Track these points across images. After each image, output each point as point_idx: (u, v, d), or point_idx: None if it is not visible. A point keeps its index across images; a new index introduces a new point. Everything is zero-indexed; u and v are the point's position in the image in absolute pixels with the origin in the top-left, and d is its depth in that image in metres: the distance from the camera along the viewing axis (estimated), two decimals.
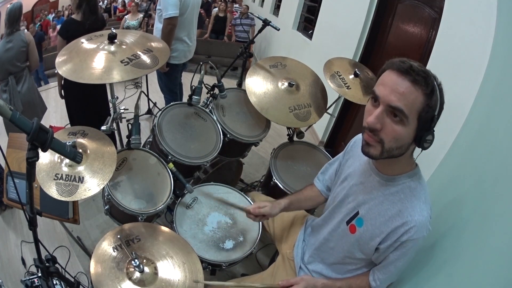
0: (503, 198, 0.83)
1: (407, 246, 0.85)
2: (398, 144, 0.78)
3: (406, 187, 0.86)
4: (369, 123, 0.78)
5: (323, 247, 1.09)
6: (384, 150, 0.79)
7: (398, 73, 0.73)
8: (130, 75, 1.21)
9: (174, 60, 2.46)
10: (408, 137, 0.77)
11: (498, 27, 1.18)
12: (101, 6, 8.37)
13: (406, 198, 0.85)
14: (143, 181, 1.36)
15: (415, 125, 0.75)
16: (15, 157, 1.39)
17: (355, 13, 2.72)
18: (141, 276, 0.98)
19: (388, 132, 0.76)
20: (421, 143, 0.77)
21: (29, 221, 0.84)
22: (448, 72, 1.50)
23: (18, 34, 2.21)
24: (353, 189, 0.98)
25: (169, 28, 2.21)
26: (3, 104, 0.61)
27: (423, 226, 0.83)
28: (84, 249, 1.77)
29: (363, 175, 0.96)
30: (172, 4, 2.15)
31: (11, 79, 2.24)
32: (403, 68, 0.72)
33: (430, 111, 0.73)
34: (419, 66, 0.73)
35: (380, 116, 0.76)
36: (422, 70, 0.72)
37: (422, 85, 0.71)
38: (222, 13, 5.76)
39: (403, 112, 0.73)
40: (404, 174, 0.86)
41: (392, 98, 0.73)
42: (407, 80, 0.72)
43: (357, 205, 0.95)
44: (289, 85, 1.64)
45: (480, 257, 0.81)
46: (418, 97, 0.72)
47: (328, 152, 1.83)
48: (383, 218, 0.88)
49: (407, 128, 0.75)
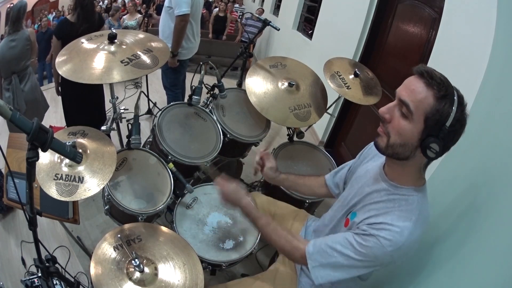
0: (503, 198, 0.83)
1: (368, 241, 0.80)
2: (402, 140, 0.79)
3: (403, 200, 0.84)
4: (380, 111, 0.83)
5: None
6: (389, 144, 0.81)
7: (416, 75, 0.78)
8: (130, 75, 1.21)
9: (182, 56, 2.55)
10: (411, 135, 0.77)
11: (498, 27, 1.18)
12: (101, 6, 8.37)
13: (399, 209, 0.83)
14: (143, 181, 1.36)
15: (422, 126, 0.76)
16: (15, 157, 1.39)
17: (355, 13, 2.72)
18: (141, 276, 0.98)
19: (394, 125, 0.80)
20: (424, 148, 0.76)
21: (29, 221, 0.84)
22: (448, 72, 1.48)
23: (22, 32, 2.20)
24: (360, 190, 0.97)
25: (182, 24, 2.27)
26: (3, 104, 0.60)
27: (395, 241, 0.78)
28: (84, 249, 1.76)
29: (372, 178, 0.95)
30: (185, 1, 2.21)
31: (15, 78, 2.24)
32: (421, 71, 0.77)
33: (439, 117, 0.74)
34: (438, 73, 0.76)
35: (392, 108, 0.81)
36: (439, 76, 0.75)
37: (435, 88, 0.74)
38: (222, 13, 5.77)
39: (408, 107, 0.76)
40: (409, 187, 0.85)
41: (403, 93, 0.78)
42: (422, 82, 0.76)
43: (357, 201, 0.96)
44: (289, 85, 1.64)
45: (480, 257, 0.81)
46: (427, 97, 0.74)
47: (328, 152, 1.83)
48: (371, 213, 0.87)
49: (411, 125, 0.77)
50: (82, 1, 2.03)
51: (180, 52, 2.48)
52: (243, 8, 7.14)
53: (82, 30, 1.97)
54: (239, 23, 5.78)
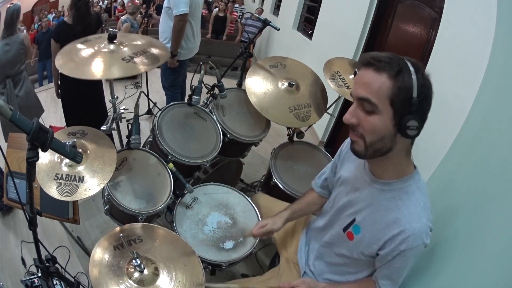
0: (504, 198, 0.83)
1: (407, 254, 0.82)
2: (378, 136, 0.76)
3: (403, 192, 0.83)
4: (345, 119, 0.79)
5: (324, 250, 1.09)
6: (367, 145, 0.78)
7: (363, 67, 0.75)
8: (132, 71, 1.20)
9: (182, 56, 2.53)
10: (385, 126, 0.74)
11: (498, 27, 1.18)
12: (101, 6, 8.38)
13: (403, 205, 0.82)
14: (143, 181, 1.36)
15: (391, 112, 0.73)
16: (15, 157, 1.39)
17: (355, 13, 2.72)
18: (141, 276, 0.98)
19: (364, 125, 0.76)
20: (403, 130, 0.73)
21: (29, 221, 0.84)
22: (448, 72, 1.50)
23: (15, 36, 2.20)
24: (350, 196, 0.96)
25: (180, 24, 2.26)
26: (3, 104, 0.61)
27: (422, 233, 0.80)
28: (84, 249, 1.76)
29: (358, 180, 0.94)
30: (184, 1, 2.20)
31: (9, 82, 2.24)
32: (365, 60, 0.74)
33: (404, 93, 0.71)
34: (382, 53, 0.73)
35: (354, 111, 0.77)
36: (384, 56, 0.72)
37: (386, 69, 0.71)
38: (222, 13, 5.77)
39: (370, 101, 0.73)
40: (401, 178, 0.83)
41: (358, 90, 0.75)
42: (370, 70, 0.73)
43: (353, 212, 0.94)
44: (289, 85, 1.64)
45: (480, 257, 0.81)
46: (383, 82, 0.71)
47: (328, 152, 1.83)
48: (379, 225, 0.85)
49: (382, 117, 0.73)
50: (76, 2, 2.02)
51: (180, 52, 2.47)
52: (243, 8, 7.14)
53: (78, 32, 1.96)
54: (239, 23, 5.77)
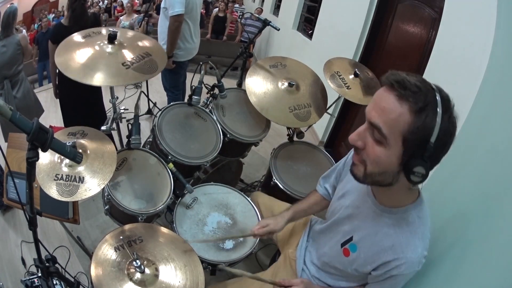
0: (504, 198, 0.83)
1: (398, 279, 0.82)
2: (381, 169, 0.68)
3: (403, 220, 0.79)
4: (350, 140, 0.71)
5: (321, 257, 1.09)
6: (366, 173, 0.71)
7: (385, 87, 0.65)
8: (132, 80, 1.21)
9: (180, 57, 2.49)
10: (390, 162, 0.66)
11: (498, 27, 1.18)
12: (101, 6, 8.38)
13: (402, 233, 0.79)
14: (143, 181, 1.36)
15: (400, 150, 0.64)
16: (15, 157, 1.39)
17: (355, 13, 2.72)
18: (142, 277, 0.98)
19: (369, 152, 0.68)
20: (407, 173, 0.65)
21: (29, 221, 0.84)
22: (448, 72, 1.50)
23: (12, 37, 2.20)
24: (350, 211, 0.95)
25: (175, 25, 2.23)
26: (3, 104, 0.61)
27: (415, 263, 0.79)
28: (84, 249, 1.76)
29: (360, 198, 0.91)
30: (179, 1, 2.17)
31: (7, 83, 2.23)
32: (390, 81, 0.63)
33: (421, 134, 0.61)
34: (412, 79, 0.62)
35: (362, 134, 0.69)
36: (413, 82, 0.61)
37: (410, 100, 0.60)
38: (222, 13, 5.76)
39: (380, 131, 0.64)
40: (402, 207, 0.79)
41: (372, 113, 0.65)
42: (392, 95, 0.62)
43: (352, 229, 0.92)
44: (289, 85, 1.64)
45: (481, 257, 0.81)
46: (402, 115, 0.61)
47: (328, 152, 1.83)
48: (375, 248, 0.84)
49: (388, 152, 0.65)
50: (72, 3, 2.02)
51: (178, 53, 2.43)
52: (243, 8, 7.14)
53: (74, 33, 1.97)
54: (239, 23, 5.77)
